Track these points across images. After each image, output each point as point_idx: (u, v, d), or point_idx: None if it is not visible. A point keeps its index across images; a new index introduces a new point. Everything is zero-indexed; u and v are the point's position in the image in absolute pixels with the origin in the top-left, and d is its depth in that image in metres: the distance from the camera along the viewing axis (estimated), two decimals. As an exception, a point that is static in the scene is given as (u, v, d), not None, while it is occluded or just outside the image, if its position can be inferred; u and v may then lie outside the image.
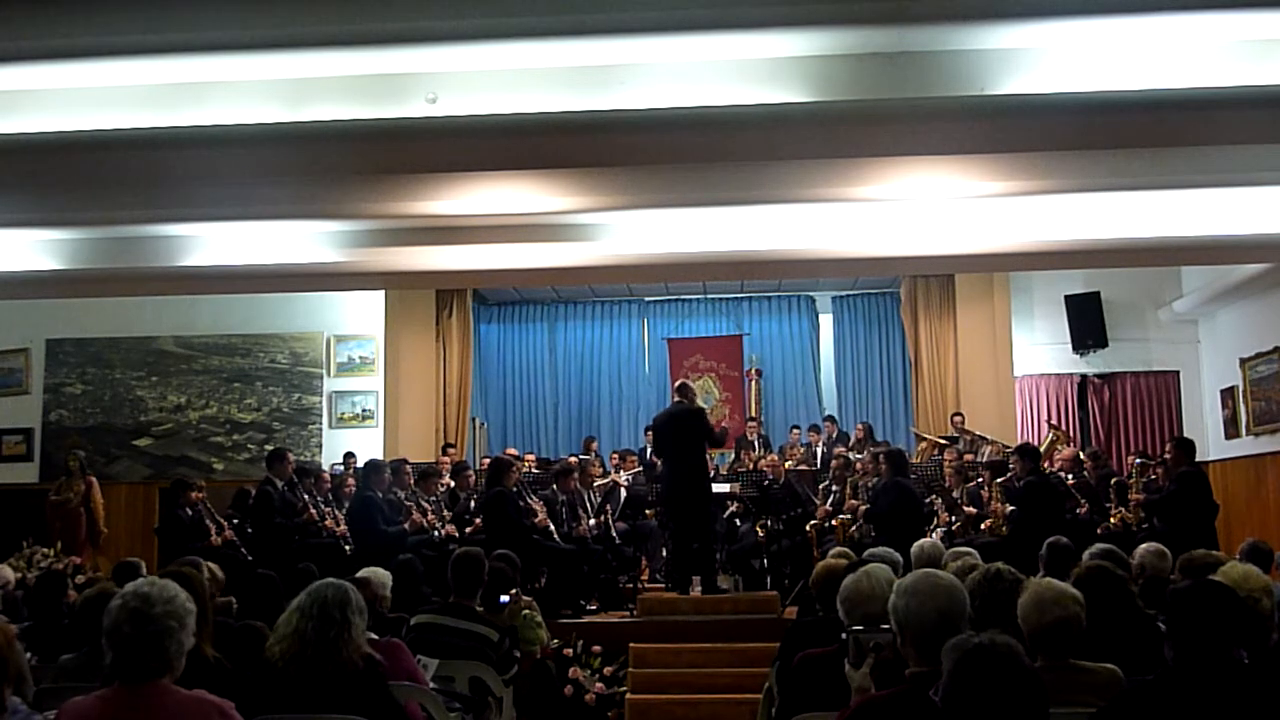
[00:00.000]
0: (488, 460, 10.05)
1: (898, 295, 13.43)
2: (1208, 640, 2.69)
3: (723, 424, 11.13)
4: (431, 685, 4.25)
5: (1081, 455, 9.66)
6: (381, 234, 8.16)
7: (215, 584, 4.82)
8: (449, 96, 5.78)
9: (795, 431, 12.61)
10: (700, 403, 9.35)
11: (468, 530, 8.90)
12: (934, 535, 8.14)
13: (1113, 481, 9.04)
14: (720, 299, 14.37)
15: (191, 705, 2.70)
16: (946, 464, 9.66)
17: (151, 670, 2.68)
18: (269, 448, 11.05)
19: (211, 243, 8.30)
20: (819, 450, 11.73)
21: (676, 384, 9.00)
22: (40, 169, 6.33)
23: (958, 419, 11.71)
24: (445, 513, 9.12)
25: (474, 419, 13.63)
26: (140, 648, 2.67)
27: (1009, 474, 8.74)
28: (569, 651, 7.50)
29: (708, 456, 8.73)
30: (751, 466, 10.28)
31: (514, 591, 5.58)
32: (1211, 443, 11.51)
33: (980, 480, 9.08)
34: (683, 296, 14.40)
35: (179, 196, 7.03)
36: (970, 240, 8.06)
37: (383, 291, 12.01)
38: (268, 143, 6.00)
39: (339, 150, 6.12)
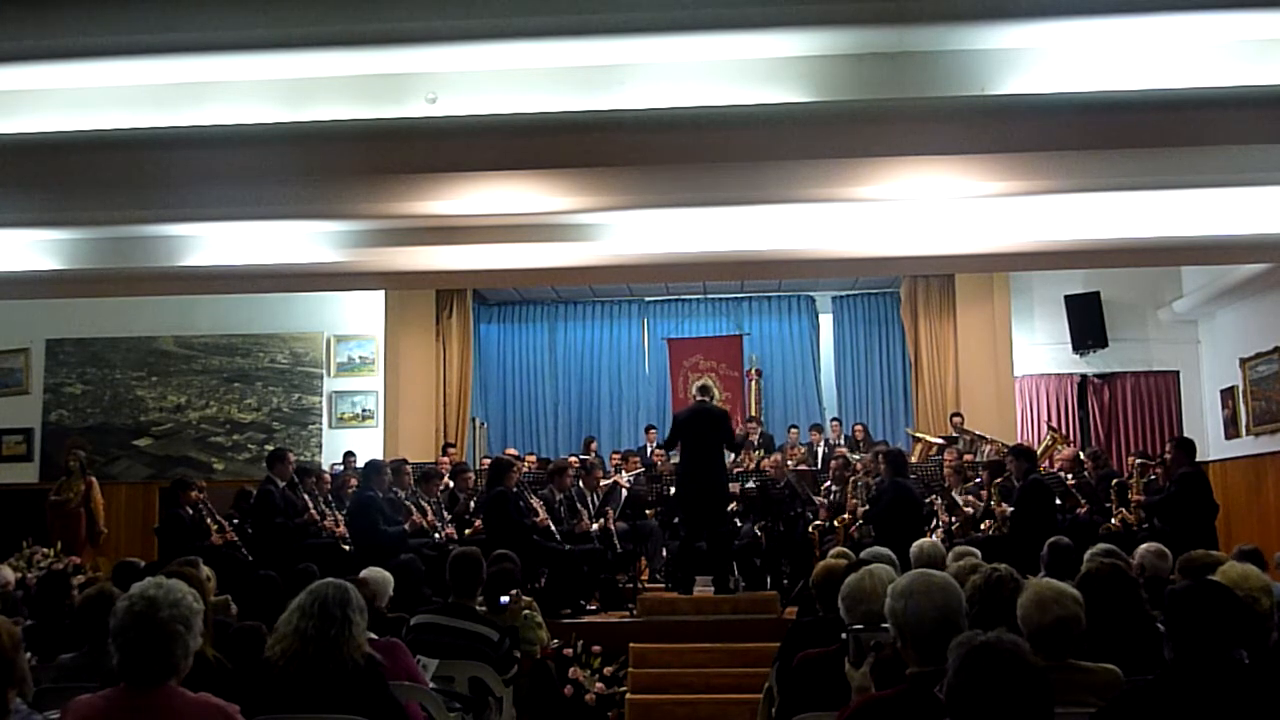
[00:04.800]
0: (488, 460, 10.05)
1: (898, 295, 13.44)
2: (1207, 640, 2.69)
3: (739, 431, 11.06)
4: (431, 685, 4.25)
5: (1082, 455, 9.66)
6: (381, 234, 8.16)
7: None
8: (449, 96, 5.77)
9: (794, 431, 12.61)
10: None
11: (468, 531, 8.90)
12: (934, 535, 8.14)
13: (1114, 482, 9.04)
14: (720, 299, 14.37)
15: (198, 709, 2.69)
16: (946, 464, 9.66)
17: (158, 673, 2.67)
18: (269, 448, 11.06)
19: (211, 243, 8.30)
20: (819, 450, 11.75)
21: (698, 383, 8.93)
22: (40, 169, 6.32)
23: (957, 419, 11.71)
24: (445, 514, 9.12)
25: (474, 419, 13.63)
26: (147, 651, 2.66)
27: (1006, 474, 8.75)
28: (569, 651, 7.50)
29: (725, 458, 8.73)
30: (751, 466, 10.28)
31: (514, 592, 5.58)
32: (1211, 443, 11.51)
33: (979, 480, 9.08)
34: (683, 296, 14.40)
35: (179, 196, 7.04)
36: (970, 240, 8.07)
37: (383, 291, 12.01)
38: (268, 143, 5.99)
39: (339, 150, 6.12)
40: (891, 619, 2.82)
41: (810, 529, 9.11)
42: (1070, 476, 9.19)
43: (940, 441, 11.19)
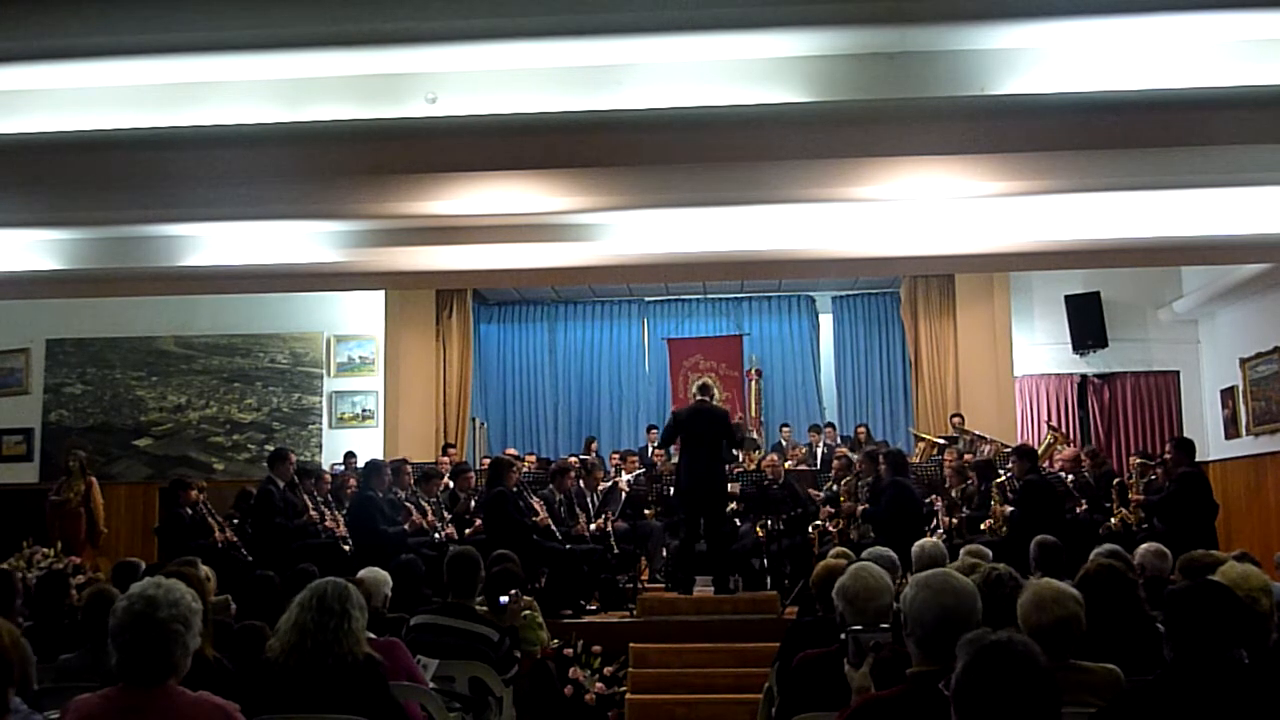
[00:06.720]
0: (488, 460, 10.04)
1: (898, 295, 13.45)
2: (1207, 640, 2.69)
3: (745, 425, 10.98)
4: (431, 685, 4.25)
5: (1081, 454, 9.66)
6: (381, 234, 8.16)
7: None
8: (449, 96, 5.77)
9: (786, 430, 12.60)
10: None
11: (468, 531, 8.90)
12: (934, 535, 8.13)
13: (1114, 482, 9.04)
14: (720, 299, 14.38)
15: (198, 708, 2.69)
16: (947, 464, 9.66)
17: (157, 673, 2.67)
18: (269, 448, 11.06)
19: (211, 243, 8.30)
20: (819, 450, 11.76)
21: (698, 382, 8.89)
22: (40, 169, 6.32)
23: (956, 420, 11.72)
24: (445, 514, 9.11)
25: (474, 419, 13.63)
26: (146, 650, 2.66)
27: (1003, 475, 8.74)
28: (569, 651, 7.50)
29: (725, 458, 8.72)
30: (752, 466, 10.28)
31: (514, 592, 5.57)
32: (1211, 443, 11.51)
33: (970, 481, 9.07)
34: (683, 296, 14.40)
35: (179, 196, 7.03)
36: (970, 240, 8.06)
37: (383, 291, 12.01)
38: (268, 143, 5.99)
39: (339, 150, 6.12)
40: (901, 604, 2.82)
41: (812, 529, 9.11)
42: (1070, 476, 9.18)
43: (943, 441, 11.20)
